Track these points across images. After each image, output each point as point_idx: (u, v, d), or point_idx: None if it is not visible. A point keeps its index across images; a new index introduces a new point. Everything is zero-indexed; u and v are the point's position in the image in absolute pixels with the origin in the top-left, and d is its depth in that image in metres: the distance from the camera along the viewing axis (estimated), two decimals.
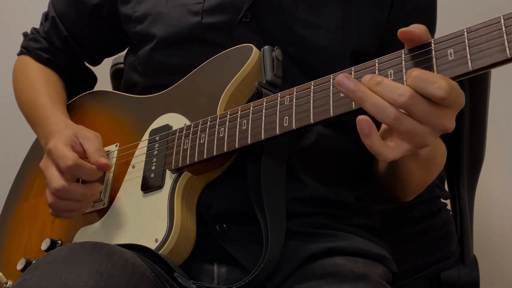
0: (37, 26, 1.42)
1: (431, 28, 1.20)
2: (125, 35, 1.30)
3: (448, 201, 1.49)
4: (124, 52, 1.43)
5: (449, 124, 0.80)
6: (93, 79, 1.48)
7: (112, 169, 1.17)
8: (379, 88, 0.79)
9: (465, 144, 1.45)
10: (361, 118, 0.80)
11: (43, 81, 1.33)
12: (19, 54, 1.41)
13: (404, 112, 0.79)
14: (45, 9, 1.41)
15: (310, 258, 1.05)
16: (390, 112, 0.79)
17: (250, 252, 1.04)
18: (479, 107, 1.43)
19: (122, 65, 1.53)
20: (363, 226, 1.16)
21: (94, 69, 1.47)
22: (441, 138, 1.22)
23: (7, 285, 1.17)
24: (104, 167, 1.10)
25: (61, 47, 1.38)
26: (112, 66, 1.61)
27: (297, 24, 1.11)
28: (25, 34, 1.42)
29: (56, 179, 1.07)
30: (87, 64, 1.45)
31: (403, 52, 0.83)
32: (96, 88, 1.46)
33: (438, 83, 0.77)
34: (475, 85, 1.40)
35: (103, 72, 1.51)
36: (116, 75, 1.59)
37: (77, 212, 1.12)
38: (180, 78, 1.15)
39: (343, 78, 0.81)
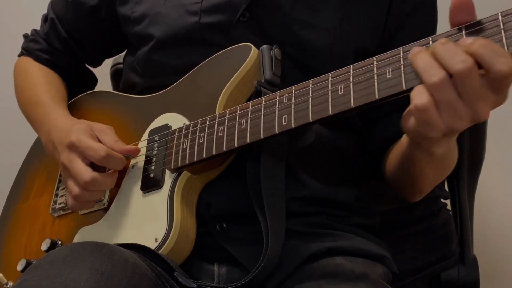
0: (37, 27, 1.43)
1: (432, 27, 1.20)
2: (124, 36, 1.30)
3: (448, 201, 1.49)
4: (123, 53, 1.44)
5: (486, 112, 0.78)
6: (93, 80, 1.48)
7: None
8: (440, 48, 0.77)
9: (465, 144, 1.44)
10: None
11: (43, 80, 1.33)
12: (20, 55, 1.42)
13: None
14: (46, 10, 1.42)
15: (310, 257, 1.05)
16: (438, 73, 0.76)
17: (250, 252, 1.04)
18: None
19: (122, 65, 1.53)
20: (363, 226, 1.16)
21: (94, 68, 1.47)
22: None
23: (8, 286, 1.17)
24: (134, 152, 1.12)
25: (60, 49, 1.38)
26: (112, 66, 1.61)
27: (295, 23, 1.12)
28: (25, 36, 1.43)
29: (85, 172, 1.08)
30: (87, 66, 1.45)
31: (401, 49, 0.83)
32: (96, 88, 1.46)
33: (506, 58, 0.74)
34: None
35: (103, 72, 1.51)
36: (116, 75, 1.59)
37: (97, 204, 1.14)
38: (179, 79, 1.15)
39: (416, 48, 0.80)
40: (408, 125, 0.84)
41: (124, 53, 1.40)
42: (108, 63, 1.56)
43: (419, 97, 0.78)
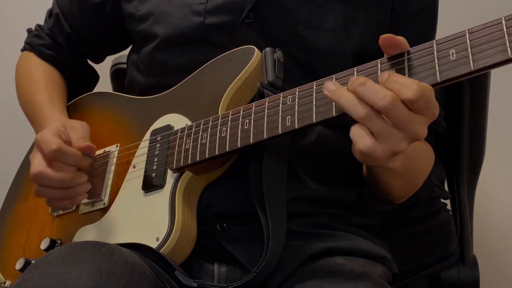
0: (38, 23, 1.42)
1: (432, 31, 1.21)
2: (128, 33, 1.30)
3: (448, 201, 1.49)
4: (123, 52, 1.44)
5: (421, 131, 0.83)
6: (95, 77, 1.48)
7: (113, 169, 1.17)
8: (361, 89, 0.82)
9: (465, 144, 1.45)
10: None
11: (43, 78, 1.33)
12: (23, 50, 1.42)
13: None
14: (47, 6, 1.41)
15: (310, 258, 1.05)
16: (362, 109, 0.82)
17: (251, 252, 1.04)
18: (479, 107, 1.43)
19: (122, 65, 1.54)
20: (363, 226, 1.16)
21: (94, 67, 1.47)
22: (439, 138, 1.23)
23: (6, 285, 1.17)
24: (86, 149, 1.10)
25: (64, 44, 1.38)
26: (112, 66, 1.61)
27: (299, 25, 1.11)
28: (29, 30, 1.42)
29: (36, 165, 1.08)
30: (89, 62, 1.45)
31: (405, 52, 0.84)
32: (96, 89, 1.46)
33: (411, 86, 0.79)
34: (475, 85, 1.41)
35: (103, 72, 1.51)
36: (116, 75, 1.59)
37: (69, 202, 1.11)
38: (182, 78, 1.15)
39: (329, 83, 0.86)
40: (356, 156, 0.88)
41: (123, 52, 1.39)
42: (108, 63, 1.56)
43: (352, 129, 0.85)
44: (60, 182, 1.08)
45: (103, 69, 1.51)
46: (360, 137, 0.83)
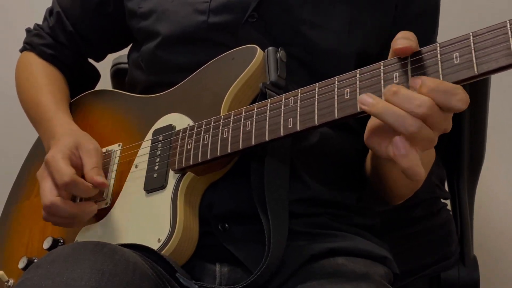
0: (37, 22, 1.42)
1: (433, 32, 1.21)
2: (130, 30, 1.30)
3: (448, 201, 1.50)
4: (124, 52, 1.43)
5: (450, 126, 0.81)
6: (96, 76, 1.47)
7: (115, 168, 1.17)
8: (395, 99, 0.79)
9: (465, 144, 1.45)
10: (397, 138, 0.79)
11: (46, 80, 1.32)
12: (22, 50, 1.41)
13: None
14: (45, 6, 1.41)
15: (312, 258, 1.05)
16: (413, 122, 0.78)
17: (253, 252, 1.04)
18: (479, 107, 1.44)
19: (122, 65, 1.54)
20: (364, 226, 1.16)
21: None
22: (442, 140, 1.23)
23: (9, 284, 1.17)
24: (100, 186, 1.08)
25: (65, 43, 1.37)
26: (113, 66, 1.60)
27: (303, 25, 1.11)
28: (28, 30, 1.42)
29: (47, 194, 1.07)
30: (90, 60, 1.44)
31: (409, 56, 0.83)
32: (96, 88, 1.45)
33: (460, 94, 0.77)
34: (475, 86, 1.40)
35: (103, 72, 1.50)
36: (117, 75, 1.59)
37: (73, 226, 1.11)
38: (183, 77, 1.15)
39: (365, 96, 0.82)
40: (379, 153, 0.85)
41: (123, 52, 1.39)
42: (108, 63, 1.56)
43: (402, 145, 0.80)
44: (72, 214, 1.08)
45: (104, 69, 1.51)
46: (414, 161, 0.79)
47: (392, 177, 1.10)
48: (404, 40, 0.82)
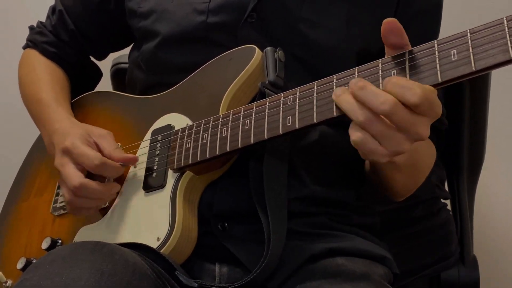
0: (36, 20, 1.42)
1: (435, 31, 1.21)
2: (131, 29, 1.30)
3: (448, 201, 1.49)
4: (124, 52, 1.43)
5: (424, 132, 0.82)
6: (98, 74, 1.47)
7: None
8: (361, 93, 0.81)
9: (465, 144, 1.45)
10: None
11: (48, 77, 1.33)
12: (25, 47, 1.41)
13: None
14: (47, 4, 1.41)
15: (311, 258, 1.05)
16: (363, 113, 0.81)
17: (252, 251, 1.04)
18: (479, 107, 1.44)
19: (122, 65, 1.53)
20: (364, 225, 1.16)
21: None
22: (438, 137, 1.23)
23: (7, 284, 1.17)
24: (132, 161, 1.11)
25: (67, 41, 1.37)
26: (112, 66, 1.61)
27: (302, 23, 1.11)
28: (31, 27, 1.42)
29: (74, 177, 1.08)
30: (92, 59, 1.45)
31: (406, 52, 0.84)
32: (96, 88, 1.46)
33: (413, 90, 0.79)
34: (475, 85, 1.41)
35: (103, 72, 1.50)
36: (116, 75, 1.59)
37: (95, 210, 1.12)
38: (183, 76, 1.15)
39: (337, 88, 0.86)
40: (360, 154, 0.88)
41: (123, 52, 1.39)
42: (108, 62, 1.56)
43: (354, 133, 0.83)
44: (101, 194, 1.09)
45: (104, 69, 1.51)
46: (353, 130, 0.83)
47: (388, 175, 1.11)
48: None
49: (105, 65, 1.51)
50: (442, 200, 1.47)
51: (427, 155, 1.16)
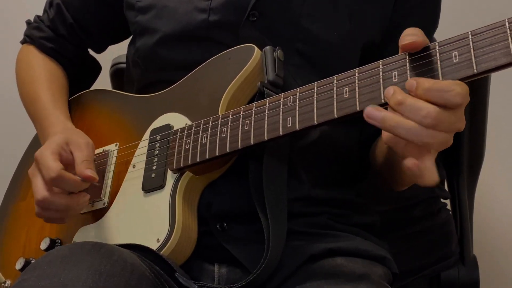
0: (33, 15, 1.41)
1: (434, 24, 1.20)
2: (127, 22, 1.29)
3: (448, 201, 1.49)
4: (124, 52, 1.42)
5: (463, 124, 0.81)
6: (97, 68, 1.47)
7: (112, 168, 1.17)
8: (402, 109, 0.79)
9: (465, 144, 1.45)
10: (411, 163, 0.80)
11: (46, 75, 1.32)
12: (22, 42, 1.40)
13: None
14: (42, 4, 1.40)
15: (311, 258, 1.05)
16: (425, 134, 0.78)
17: (251, 252, 1.04)
18: (479, 107, 1.43)
19: (122, 65, 1.53)
20: (363, 225, 1.16)
21: None
22: None
23: (6, 285, 1.17)
24: (88, 179, 1.05)
25: (66, 35, 1.36)
26: (112, 66, 1.60)
27: (304, 19, 1.11)
28: (28, 22, 1.41)
29: (39, 190, 1.06)
30: (91, 52, 1.44)
31: (407, 54, 0.83)
32: (96, 87, 1.45)
33: (454, 90, 0.77)
34: (475, 85, 1.40)
35: (103, 72, 1.50)
36: (116, 75, 1.58)
37: (67, 219, 1.10)
38: (182, 75, 1.14)
39: (372, 110, 0.81)
40: (397, 152, 0.85)
41: (123, 52, 1.38)
42: (108, 63, 1.55)
43: (408, 160, 0.81)
44: (65, 207, 1.07)
45: (103, 69, 1.50)
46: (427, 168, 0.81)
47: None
48: (411, 36, 0.82)
49: (105, 65, 1.50)
50: (442, 200, 1.47)
51: None
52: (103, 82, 1.52)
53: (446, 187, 1.50)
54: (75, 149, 1.10)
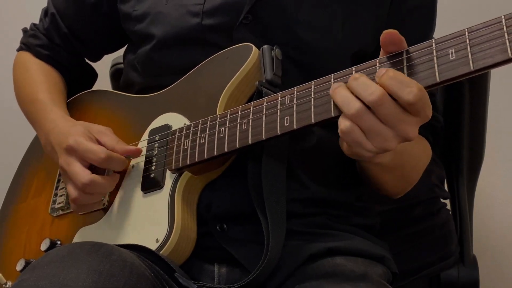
0: (32, 22, 1.42)
1: (430, 27, 1.20)
2: (124, 31, 1.29)
3: (448, 201, 1.49)
4: (122, 53, 1.43)
5: (412, 132, 0.83)
6: (93, 75, 1.47)
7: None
8: (354, 83, 0.83)
9: (465, 144, 1.45)
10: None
11: (43, 78, 1.32)
12: (19, 50, 1.41)
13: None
14: (42, 5, 1.41)
15: (310, 258, 1.05)
16: (354, 105, 0.83)
17: (251, 252, 1.04)
18: (479, 107, 1.43)
19: (122, 65, 1.52)
20: (363, 226, 1.16)
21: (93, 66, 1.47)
22: (437, 134, 1.23)
23: (7, 286, 1.17)
24: (136, 153, 1.11)
25: (61, 44, 1.37)
26: (112, 66, 1.60)
27: (298, 25, 1.11)
28: (24, 30, 1.41)
29: (83, 174, 1.07)
30: (87, 60, 1.44)
31: (404, 52, 0.83)
32: (94, 88, 1.45)
33: (410, 88, 0.80)
34: (475, 85, 1.40)
35: (103, 72, 1.50)
36: (116, 75, 1.58)
37: (98, 204, 1.12)
38: (179, 79, 1.15)
39: (335, 83, 0.87)
40: (343, 148, 0.94)
41: (123, 52, 1.39)
42: (108, 63, 1.55)
43: (343, 122, 0.85)
44: (105, 188, 1.09)
45: (103, 69, 1.50)
46: (343, 120, 0.85)
47: (376, 175, 1.11)
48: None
49: (105, 65, 1.51)
50: (442, 200, 1.47)
51: (419, 155, 1.16)
52: (103, 82, 1.52)
53: (446, 187, 1.50)
54: (100, 134, 1.13)
